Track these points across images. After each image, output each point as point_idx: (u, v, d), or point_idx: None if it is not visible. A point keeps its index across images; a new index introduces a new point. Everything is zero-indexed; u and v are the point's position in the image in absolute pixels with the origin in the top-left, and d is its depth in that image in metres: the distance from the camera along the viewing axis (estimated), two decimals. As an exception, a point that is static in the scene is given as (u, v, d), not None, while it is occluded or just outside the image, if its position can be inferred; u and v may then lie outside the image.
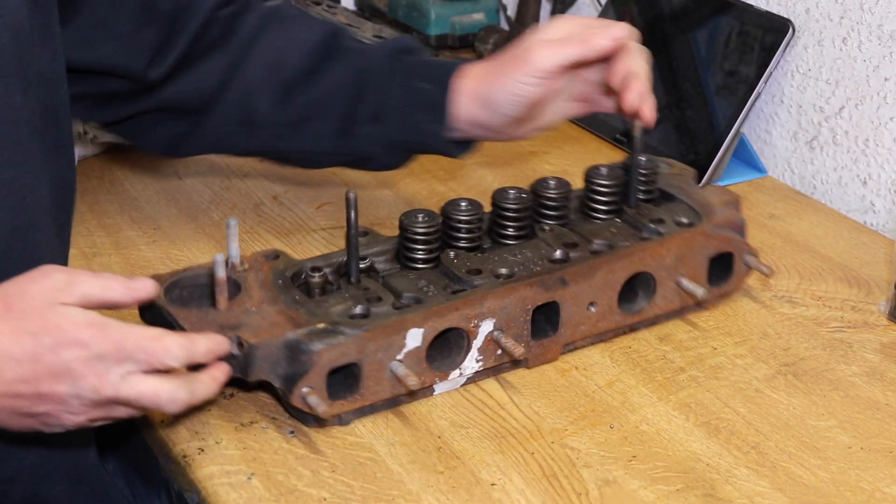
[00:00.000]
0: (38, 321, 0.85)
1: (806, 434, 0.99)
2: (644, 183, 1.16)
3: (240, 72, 1.17)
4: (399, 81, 1.15)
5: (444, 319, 0.99)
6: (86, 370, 0.85)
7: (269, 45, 1.18)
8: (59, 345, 0.84)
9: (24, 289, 0.87)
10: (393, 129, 1.15)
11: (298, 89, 1.17)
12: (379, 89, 1.15)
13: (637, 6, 1.60)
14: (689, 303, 1.13)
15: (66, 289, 0.87)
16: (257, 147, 1.21)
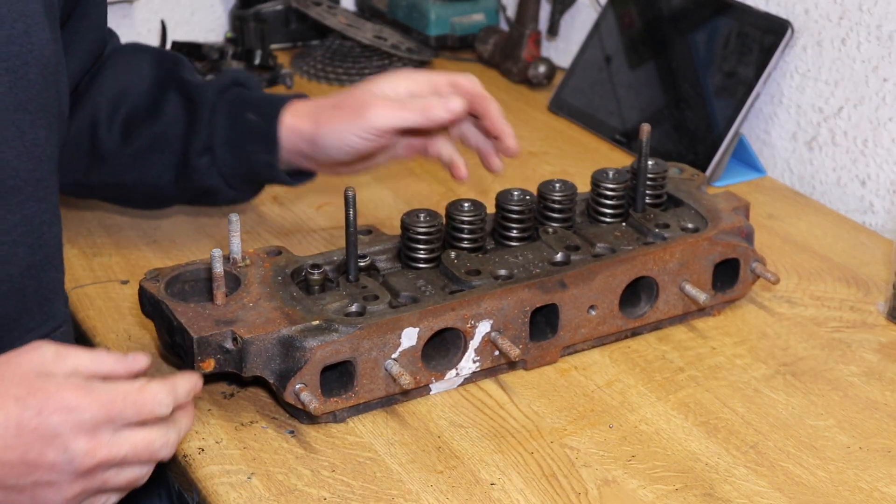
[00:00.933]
0: (24, 387, 0.81)
1: (804, 434, 0.99)
2: (652, 187, 1.16)
3: (85, 101, 1.17)
4: (227, 114, 1.15)
5: (439, 319, 0.99)
6: (76, 433, 0.80)
7: (113, 77, 1.19)
8: (45, 409, 0.80)
9: (12, 360, 0.83)
10: (225, 161, 1.15)
11: (139, 122, 1.17)
12: (208, 122, 1.15)
13: (637, 7, 1.60)
14: (692, 308, 1.13)
15: (55, 360, 0.83)
16: (104, 178, 1.19)
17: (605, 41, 1.63)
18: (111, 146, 1.16)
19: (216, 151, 1.14)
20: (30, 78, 0.94)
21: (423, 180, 1.44)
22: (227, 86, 1.17)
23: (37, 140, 0.96)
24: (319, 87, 1.73)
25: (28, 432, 0.79)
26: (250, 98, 1.16)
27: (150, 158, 1.16)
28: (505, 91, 1.72)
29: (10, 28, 0.92)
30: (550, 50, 1.81)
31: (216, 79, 1.18)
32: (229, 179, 1.16)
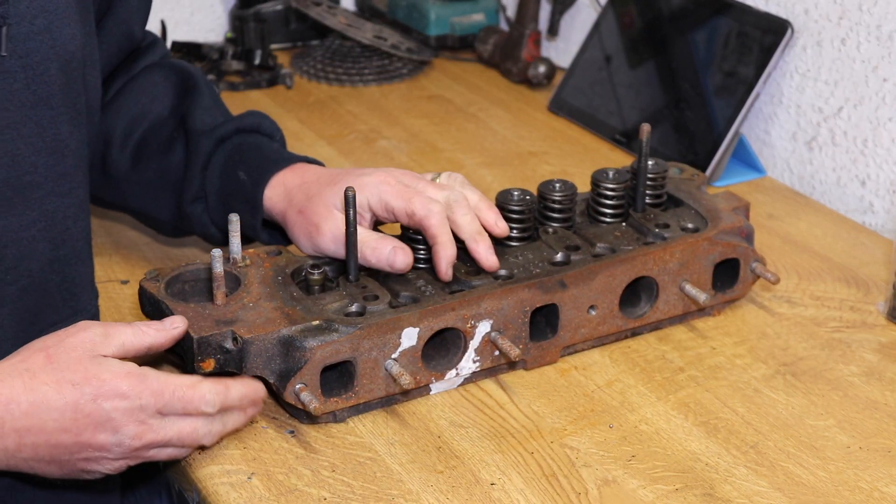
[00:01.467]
0: (80, 372, 0.87)
1: (804, 434, 0.99)
2: (652, 187, 1.16)
3: (105, 117, 1.16)
4: (222, 167, 1.13)
5: (439, 319, 0.99)
6: (127, 419, 0.87)
7: (135, 98, 1.18)
8: (100, 395, 0.87)
9: (64, 341, 0.88)
10: (217, 211, 1.13)
11: (150, 152, 1.16)
12: (201, 172, 1.13)
13: (637, 7, 1.60)
14: (692, 308, 1.13)
15: (104, 341, 0.89)
16: (113, 198, 1.20)
17: (605, 41, 1.63)
18: (122, 168, 1.16)
19: (209, 201, 1.13)
20: (50, 73, 0.94)
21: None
22: (229, 134, 1.14)
23: (59, 135, 0.96)
24: (319, 86, 1.73)
25: (83, 416, 0.86)
26: (247, 153, 1.13)
27: (154, 192, 1.16)
28: (505, 91, 1.72)
29: (29, 25, 0.92)
30: (550, 50, 1.81)
31: (223, 124, 1.14)
32: (222, 228, 1.14)
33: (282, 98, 1.69)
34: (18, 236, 0.95)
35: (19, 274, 0.96)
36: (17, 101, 0.92)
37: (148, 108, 1.17)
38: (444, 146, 1.53)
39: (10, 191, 0.93)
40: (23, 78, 0.92)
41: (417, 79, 1.76)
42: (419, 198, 1.02)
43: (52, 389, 0.86)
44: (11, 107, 0.92)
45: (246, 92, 1.69)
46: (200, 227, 1.15)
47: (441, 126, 1.60)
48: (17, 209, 0.94)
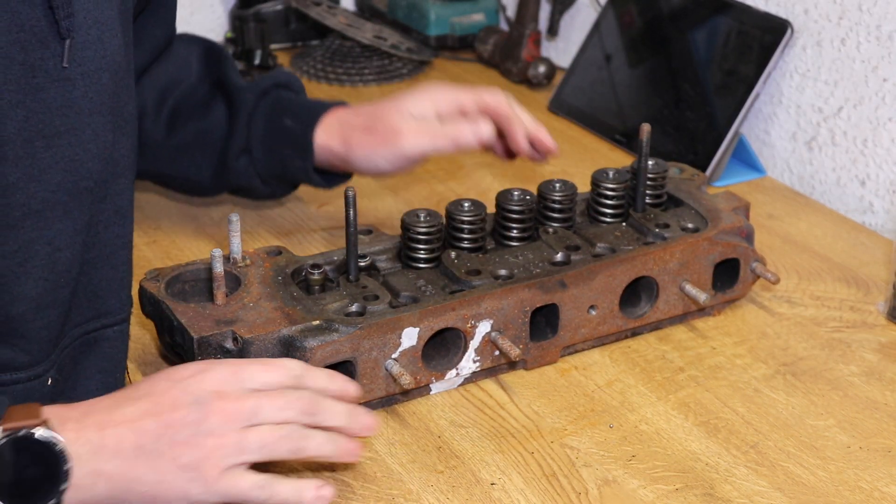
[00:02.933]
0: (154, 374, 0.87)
1: (805, 433, 1.00)
2: (652, 187, 1.16)
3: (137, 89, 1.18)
4: (266, 117, 1.19)
5: (439, 319, 0.99)
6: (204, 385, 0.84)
7: (164, 68, 1.23)
8: (173, 375, 0.85)
9: None
10: (262, 162, 1.19)
11: (185, 117, 1.21)
12: (247, 125, 1.19)
13: (637, 6, 1.60)
14: (692, 308, 1.13)
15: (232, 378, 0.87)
16: (146, 166, 1.23)
17: (605, 41, 1.63)
18: (156, 136, 1.21)
19: (253, 153, 1.19)
20: (103, 82, 0.96)
21: (423, 180, 1.44)
22: (269, 88, 1.20)
23: (107, 142, 0.98)
24: (319, 86, 1.73)
25: (159, 395, 0.83)
26: (289, 103, 1.20)
27: (192, 154, 1.21)
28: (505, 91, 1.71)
29: (85, 35, 0.94)
30: (550, 50, 1.81)
31: (258, 81, 1.21)
32: (265, 179, 1.21)
33: (282, 98, 1.68)
34: (72, 240, 0.96)
35: (71, 277, 0.97)
36: (76, 108, 0.94)
37: (177, 77, 1.22)
38: (444, 146, 1.53)
39: (66, 195, 0.95)
40: (81, 86, 0.94)
41: (417, 79, 1.76)
42: (484, 92, 1.15)
43: (131, 388, 0.85)
44: (70, 114, 0.94)
45: (246, 92, 1.69)
46: (244, 178, 1.20)
47: (441, 126, 1.60)
48: (71, 214, 0.95)
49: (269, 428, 0.84)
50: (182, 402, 0.82)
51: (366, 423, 0.89)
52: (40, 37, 0.91)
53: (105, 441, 0.81)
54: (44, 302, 0.95)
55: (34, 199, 0.93)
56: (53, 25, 0.92)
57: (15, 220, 0.92)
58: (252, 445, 0.83)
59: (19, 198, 0.92)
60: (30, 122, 0.92)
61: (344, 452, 0.88)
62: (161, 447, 0.81)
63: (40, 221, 0.94)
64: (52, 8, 0.91)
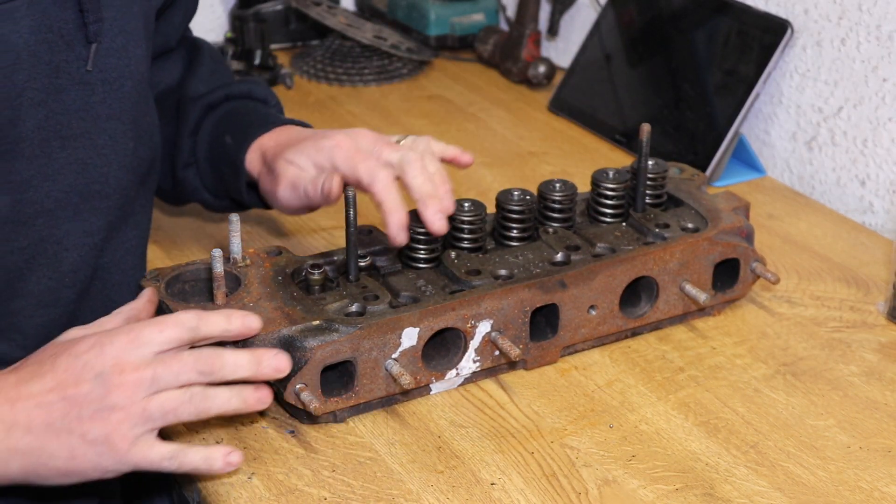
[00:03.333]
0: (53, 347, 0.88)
1: (805, 433, 0.99)
2: (652, 187, 1.16)
3: None
4: (211, 131, 1.16)
5: (439, 319, 0.99)
6: (103, 359, 0.85)
7: None
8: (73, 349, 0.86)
9: None
10: (207, 176, 1.17)
11: None
12: (191, 137, 1.16)
13: (637, 6, 1.60)
14: (692, 308, 1.13)
15: None
16: None
17: (605, 41, 1.63)
18: None
19: (199, 166, 1.16)
20: (125, 90, 0.98)
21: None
22: (218, 101, 1.17)
23: (126, 149, 0.99)
24: (319, 86, 1.73)
25: (62, 372, 0.84)
26: (236, 118, 1.16)
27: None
28: (505, 91, 1.72)
29: (110, 42, 0.96)
30: (550, 50, 1.81)
31: (213, 92, 1.18)
32: (214, 193, 1.18)
33: (282, 98, 1.67)
34: (81, 242, 0.97)
35: (77, 279, 0.98)
36: (93, 112, 0.96)
37: (156, 83, 1.20)
38: (444, 146, 1.53)
39: (77, 197, 0.96)
40: (101, 92, 0.96)
41: (417, 79, 1.76)
42: (366, 163, 1.02)
43: (34, 363, 0.86)
44: (88, 117, 0.96)
45: (246, 92, 1.69)
46: (193, 192, 1.18)
47: (441, 126, 1.60)
48: (82, 215, 0.97)
49: (172, 393, 0.86)
50: (84, 378, 0.84)
51: (273, 364, 0.89)
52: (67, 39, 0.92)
53: (17, 418, 0.83)
54: (46, 300, 0.95)
55: (48, 198, 0.94)
56: (82, 29, 0.93)
57: (27, 217, 0.93)
58: (155, 413, 0.85)
59: (32, 195, 0.93)
60: (49, 122, 0.93)
61: (253, 403, 0.89)
62: (69, 424, 0.84)
63: (51, 220, 0.94)
64: (82, 11, 0.92)
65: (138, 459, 0.85)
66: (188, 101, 1.17)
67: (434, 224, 1.01)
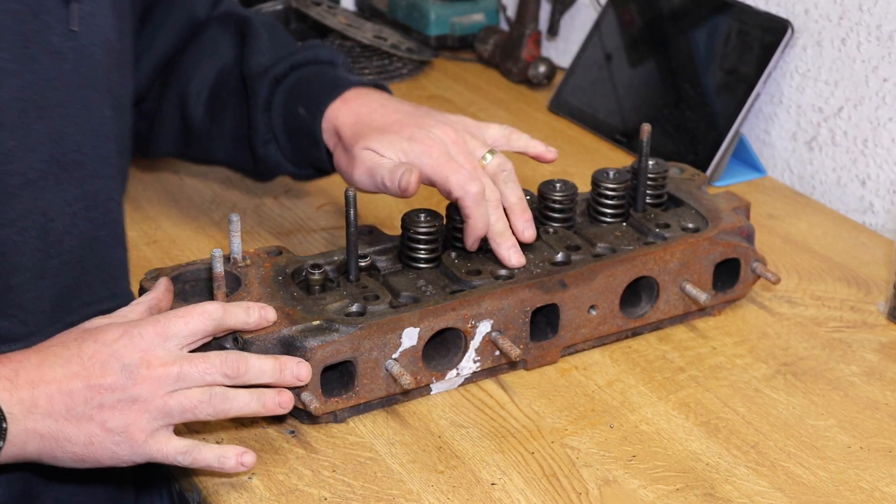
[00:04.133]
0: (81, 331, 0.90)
1: (805, 433, 0.99)
2: (653, 187, 1.16)
3: (177, 75, 1.21)
4: (283, 105, 1.15)
5: (440, 319, 0.99)
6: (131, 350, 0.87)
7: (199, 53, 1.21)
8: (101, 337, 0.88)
9: None
10: (288, 149, 1.17)
11: (222, 105, 1.20)
12: (264, 115, 1.16)
13: (637, 6, 1.60)
14: (692, 308, 1.13)
15: None
16: (204, 155, 1.24)
17: (606, 41, 1.63)
18: (202, 125, 1.20)
19: (279, 141, 1.17)
20: (96, 58, 0.97)
21: (423, 180, 1.44)
22: (286, 73, 1.16)
23: (103, 119, 0.99)
24: (319, 87, 1.73)
25: (88, 359, 0.86)
26: (305, 88, 1.15)
27: (235, 143, 1.20)
28: (505, 91, 1.72)
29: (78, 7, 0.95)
30: (550, 50, 1.81)
31: (276, 64, 1.16)
32: (298, 165, 1.18)
33: (282, 98, 1.68)
34: (63, 211, 0.98)
35: (62, 249, 0.98)
36: (65, 81, 0.95)
37: (213, 63, 1.20)
38: (444, 146, 1.53)
39: (57, 167, 0.96)
40: (72, 59, 0.95)
41: (417, 79, 1.76)
42: (456, 175, 1.02)
43: (58, 345, 0.87)
44: (61, 87, 0.95)
45: (246, 92, 1.69)
46: (277, 166, 1.19)
47: (441, 126, 1.60)
48: (62, 185, 0.97)
49: (193, 392, 0.88)
50: (111, 369, 0.86)
51: (295, 372, 0.92)
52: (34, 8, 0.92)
53: (37, 400, 0.84)
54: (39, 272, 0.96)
55: (31, 169, 0.94)
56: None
57: (13, 188, 0.94)
58: (175, 410, 0.87)
59: (17, 166, 0.93)
60: (25, 92, 0.93)
61: (272, 407, 0.91)
62: (90, 411, 0.85)
63: (36, 191, 0.95)
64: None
65: (154, 452, 0.87)
66: (254, 77, 1.16)
67: (509, 260, 1.04)
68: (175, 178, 1.42)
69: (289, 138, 1.16)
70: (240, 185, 1.41)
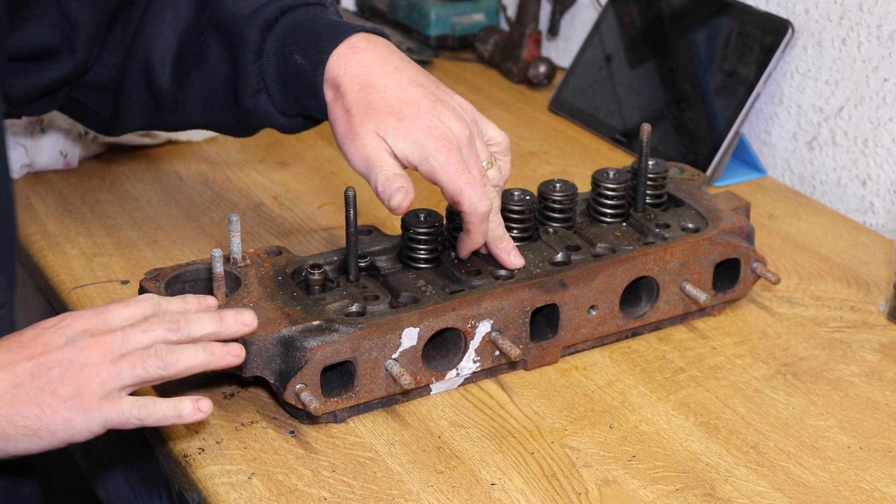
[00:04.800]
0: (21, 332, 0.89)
1: (805, 434, 0.99)
2: (653, 187, 1.16)
3: (136, 47, 1.14)
4: (276, 54, 1.07)
5: (440, 319, 0.99)
6: (69, 320, 0.87)
7: (157, 19, 1.14)
8: (38, 325, 0.88)
9: None
10: (280, 99, 1.08)
11: (188, 66, 1.13)
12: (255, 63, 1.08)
13: (637, 6, 1.60)
14: (692, 308, 1.13)
15: None
16: (178, 121, 1.18)
17: (606, 41, 1.63)
18: (169, 91, 1.14)
19: (270, 91, 1.08)
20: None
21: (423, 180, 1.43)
22: (276, 16, 1.07)
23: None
24: (319, 86, 1.73)
25: (29, 340, 0.86)
26: (301, 33, 1.06)
27: (210, 102, 1.13)
28: (505, 91, 1.72)
29: None
30: (550, 50, 1.81)
31: (265, 6, 1.08)
32: (289, 115, 1.11)
33: (282, 98, 1.68)
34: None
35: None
36: None
37: (173, 23, 1.13)
38: (444, 146, 1.53)
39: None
40: None
41: (418, 79, 1.76)
42: (469, 190, 0.99)
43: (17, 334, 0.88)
44: None
45: (246, 92, 1.69)
46: (266, 118, 1.10)
47: (441, 126, 1.60)
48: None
49: (139, 352, 0.87)
50: (54, 344, 0.85)
51: (240, 319, 0.91)
52: None
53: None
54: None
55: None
56: None
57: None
58: (125, 369, 0.86)
59: None
60: None
61: (220, 356, 0.89)
62: (39, 384, 0.84)
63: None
64: None
65: (108, 412, 0.86)
66: (238, 21, 1.08)
67: (512, 264, 1.04)
68: (175, 178, 1.42)
69: (283, 88, 1.07)
70: (239, 185, 1.41)
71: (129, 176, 1.42)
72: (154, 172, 1.43)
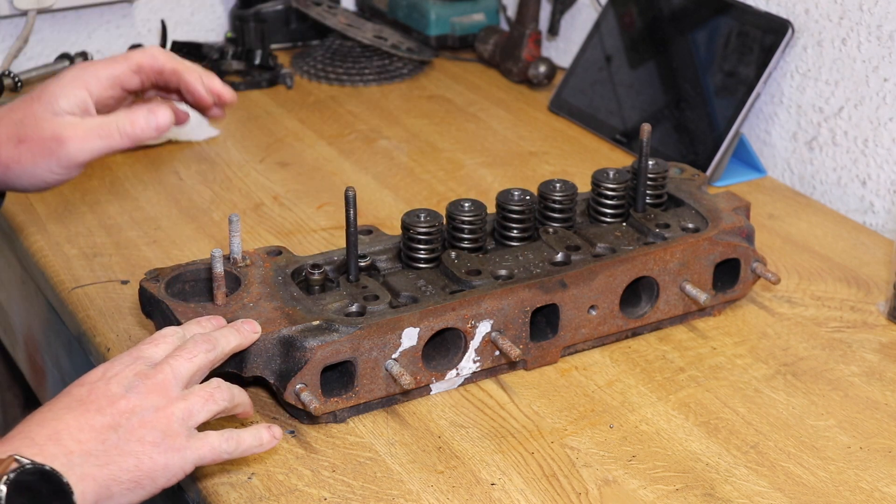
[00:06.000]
0: None
1: (805, 434, 0.99)
2: (653, 187, 1.16)
3: None
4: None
5: (440, 319, 0.99)
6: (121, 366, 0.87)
7: None
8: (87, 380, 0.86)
9: None
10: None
11: None
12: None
13: (637, 6, 1.60)
14: (692, 308, 1.13)
15: None
16: None
17: (606, 41, 1.63)
18: None
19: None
20: None
21: (423, 180, 1.44)
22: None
23: None
24: (319, 86, 1.73)
25: (86, 396, 0.84)
26: None
27: None
28: (505, 91, 1.72)
29: None
30: (550, 50, 1.81)
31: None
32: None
33: (282, 98, 1.68)
34: None
35: None
36: None
37: None
38: (444, 146, 1.53)
39: None
40: None
41: (417, 79, 1.76)
42: (135, 53, 1.00)
43: (44, 409, 0.83)
44: None
45: (246, 92, 1.69)
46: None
47: (441, 126, 1.60)
48: None
49: (202, 388, 0.88)
50: (116, 395, 0.84)
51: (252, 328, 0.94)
52: None
53: (69, 448, 0.80)
54: None
55: None
56: None
57: None
58: (196, 406, 0.86)
59: None
60: None
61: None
62: (124, 435, 0.83)
63: None
64: None
65: (200, 449, 0.85)
66: None
67: (226, 91, 1.05)
68: (175, 178, 1.42)
69: None
70: (239, 185, 1.41)
71: (129, 176, 1.42)
72: (154, 172, 1.43)
